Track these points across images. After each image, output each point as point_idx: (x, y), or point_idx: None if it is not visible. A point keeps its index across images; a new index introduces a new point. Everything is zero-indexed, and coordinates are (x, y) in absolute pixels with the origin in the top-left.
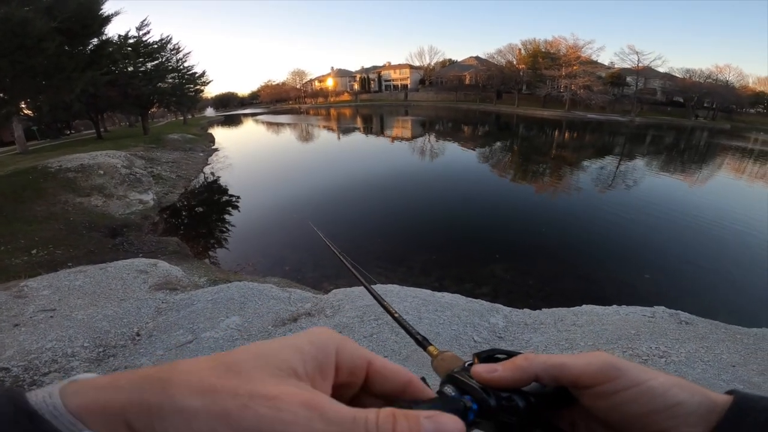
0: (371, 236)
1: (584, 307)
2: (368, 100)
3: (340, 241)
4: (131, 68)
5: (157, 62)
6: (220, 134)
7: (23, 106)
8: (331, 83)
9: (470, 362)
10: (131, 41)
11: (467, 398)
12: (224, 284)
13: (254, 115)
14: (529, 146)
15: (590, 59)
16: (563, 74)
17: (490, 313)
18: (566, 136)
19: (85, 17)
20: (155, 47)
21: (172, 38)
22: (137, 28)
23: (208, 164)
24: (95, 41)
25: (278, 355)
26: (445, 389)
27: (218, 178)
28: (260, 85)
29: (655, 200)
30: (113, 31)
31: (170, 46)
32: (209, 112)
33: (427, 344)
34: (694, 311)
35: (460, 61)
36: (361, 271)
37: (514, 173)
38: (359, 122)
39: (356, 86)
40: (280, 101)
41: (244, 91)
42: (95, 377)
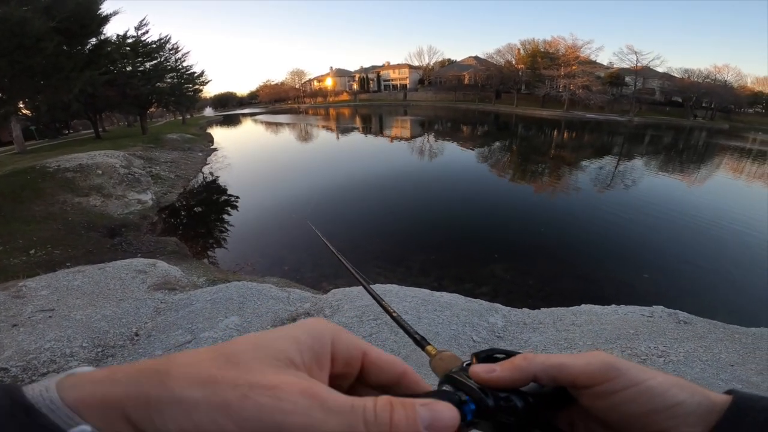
0: (370, 236)
1: (583, 306)
2: (367, 99)
3: (338, 240)
4: (130, 68)
5: (155, 62)
6: (218, 134)
7: (21, 105)
8: (330, 83)
9: (468, 362)
10: (130, 41)
11: (465, 398)
12: (223, 284)
13: (253, 114)
14: (527, 146)
15: (589, 59)
16: (562, 74)
17: (489, 312)
18: (565, 135)
19: (83, 17)
20: (154, 47)
21: (170, 38)
22: (136, 27)
23: (206, 164)
24: (94, 41)
25: (275, 345)
26: (443, 389)
27: (217, 177)
28: (259, 84)
29: (653, 200)
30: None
31: (169, 45)
32: (208, 111)
33: (425, 344)
34: (692, 311)
35: (459, 61)
36: (358, 270)
37: (513, 173)
38: (358, 122)
39: (355, 86)
40: (279, 101)
41: (243, 90)
42: (92, 371)
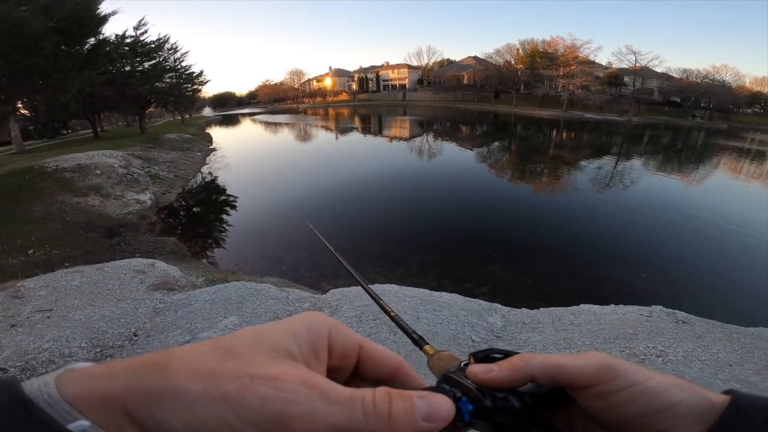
0: (369, 236)
1: (582, 306)
2: (366, 99)
3: (337, 240)
4: (128, 68)
5: (154, 62)
6: (217, 134)
7: (20, 105)
8: (329, 83)
9: (466, 362)
10: (128, 41)
11: (463, 399)
12: (222, 284)
13: (252, 114)
14: (526, 146)
15: (588, 59)
16: (561, 74)
17: (488, 312)
18: (564, 135)
19: (82, 17)
20: (153, 47)
21: (169, 38)
22: (135, 27)
23: (205, 164)
24: (92, 41)
25: (273, 338)
26: (439, 386)
27: (216, 177)
28: (258, 84)
29: (652, 200)
30: (110, 30)
31: (168, 45)
32: (207, 111)
33: (423, 343)
34: (691, 310)
35: (458, 61)
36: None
37: (512, 173)
38: (357, 122)
39: (354, 86)
40: (278, 101)
41: (242, 90)
42: (91, 366)
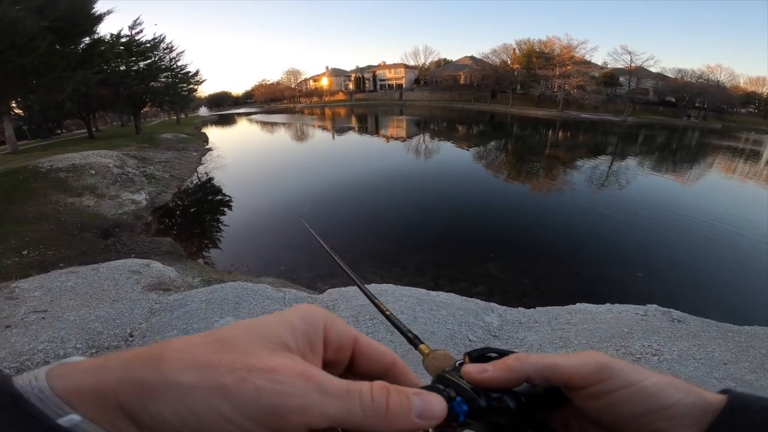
0: (366, 236)
1: (578, 305)
2: (363, 99)
3: (334, 240)
4: (123, 67)
5: (149, 61)
6: (213, 134)
7: (14, 105)
8: (325, 83)
9: (461, 361)
10: (124, 40)
11: (458, 399)
12: (218, 284)
13: (248, 114)
14: (523, 146)
15: (584, 59)
16: (557, 74)
17: (484, 312)
18: (560, 135)
19: (76, 16)
20: (148, 46)
21: (165, 37)
22: (130, 27)
23: (201, 164)
24: (87, 40)
25: (269, 330)
26: (433, 385)
27: (212, 177)
28: (254, 84)
29: (647, 200)
30: (105, 29)
31: (163, 45)
32: (203, 111)
33: (418, 342)
34: (686, 309)
35: (454, 60)
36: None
37: (508, 173)
38: (354, 122)
39: (351, 86)
40: (274, 101)
41: (238, 90)
42: (83, 360)
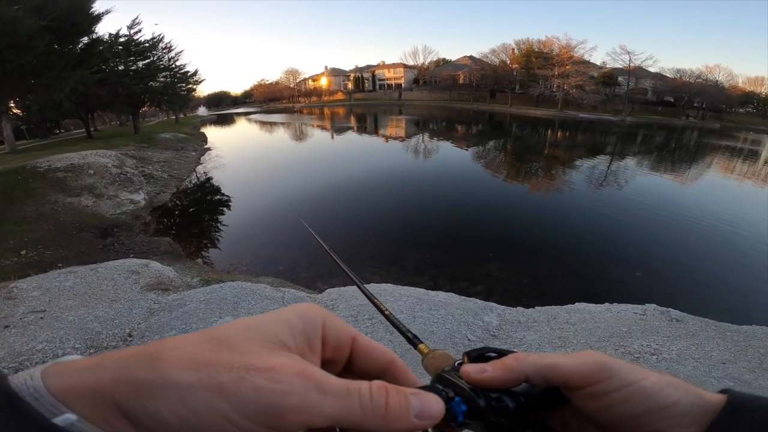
0: (365, 235)
1: (577, 305)
2: (362, 99)
3: (333, 240)
4: (122, 67)
5: (148, 61)
6: (212, 133)
7: (12, 105)
8: (324, 82)
9: (460, 361)
10: (122, 40)
11: (457, 399)
12: (217, 284)
13: (247, 114)
14: (521, 145)
15: (582, 59)
16: (556, 74)
17: (483, 311)
18: (558, 135)
19: (75, 16)
20: (147, 46)
21: (163, 37)
22: (128, 26)
23: (200, 164)
24: (85, 40)
25: (267, 328)
26: (431, 385)
27: (211, 177)
28: (253, 84)
29: (646, 200)
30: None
31: (162, 44)
32: (201, 111)
33: (417, 342)
34: (684, 309)
35: (454, 60)
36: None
37: (507, 172)
38: (353, 121)
39: (350, 85)
40: (273, 100)
41: (237, 90)
42: (79, 359)
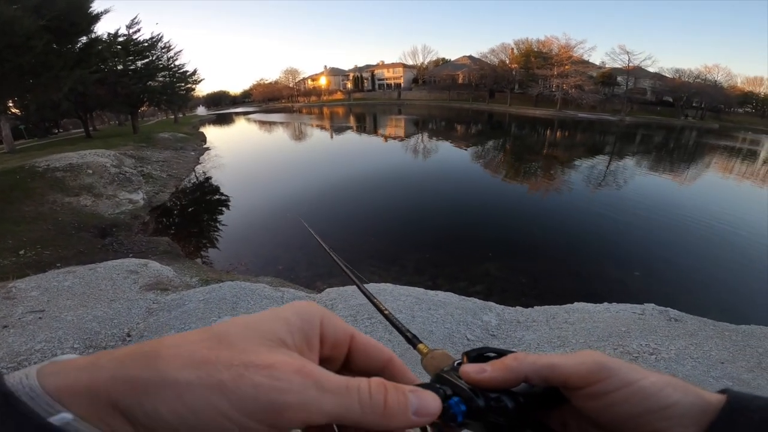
0: (365, 235)
1: (576, 304)
2: (361, 98)
3: (332, 239)
4: (121, 66)
5: (147, 60)
6: (211, 133)
7: (11, 104)
8: (324, 82)
9: (459, 361)
10: (121, 39)
11: (456, 399)
12: (216, 284)
13: (246, 113)
14: (521, 145)
15: (582, 59)
16: (555, 74)
17: (483, 311)
18: (558, 135)
19: (73, 15)
20: (145, 45)
21: (162, 36)
22: (127, 26)
23: (199, 163)
24: (84, 39)
25: (266, 326)
26: (428, 382)
27: (210, 177)
28: (252, 83)
29: (644, 200)
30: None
31: (161, 44)
32: (200, 110)
33: (417, 342)
34: (683, 308)
35: (453, 60)
36: (352, 269)
37: (506, 172)
38: (352, 121)
39: (349, 85)
40: (272, 100)
41: (236, 89)
42: (76, 358)
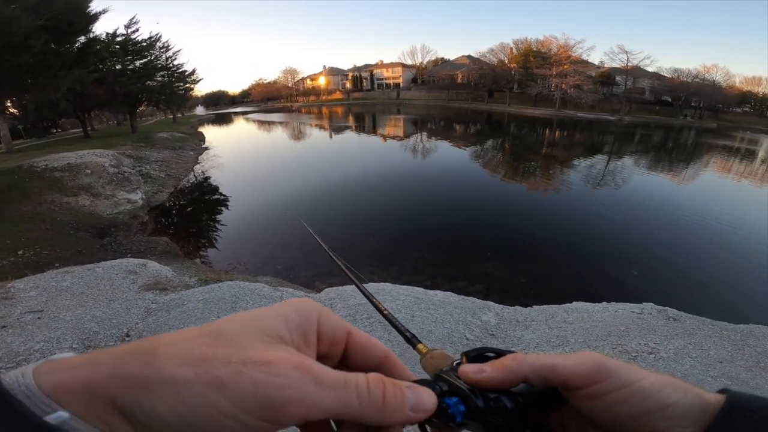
0: (364, 235)
1: (574, 304)
2: (360, 98)
3: (332, 239)
4: (119, 66)
5: (145, 60)
6: (210, 133)
7: (9, 104)
8: (323, 81)
9: (459, 361)
10: (119, 39)
11: (455, 400)
12: (215, 284)
13: (245, 113)
14: (520, 145)
15: (581, 59)
16: (554, 73)
17: (482, 310)
18: (557, 134)
19: (72, 15)
20: (144, 45)
21: (161, 36)
22: (126, 25)
23: (198, 163)
24: (82, 39)
25: (264, 322)
26: (424, 378)
27: (209, 177)
28: (251, 83)
29: (643, 199)
30: (101, 28)
31: (159, 44)
32: (199, 110)
33: (416, 342)
34: (681, 308)
35: (452, 59)
36: (351, 269)
37: (505, 172)
38: (351, 121)
39: (348, 85)
40: (271, 99)
41: (235, 89)
42: (72, 356)
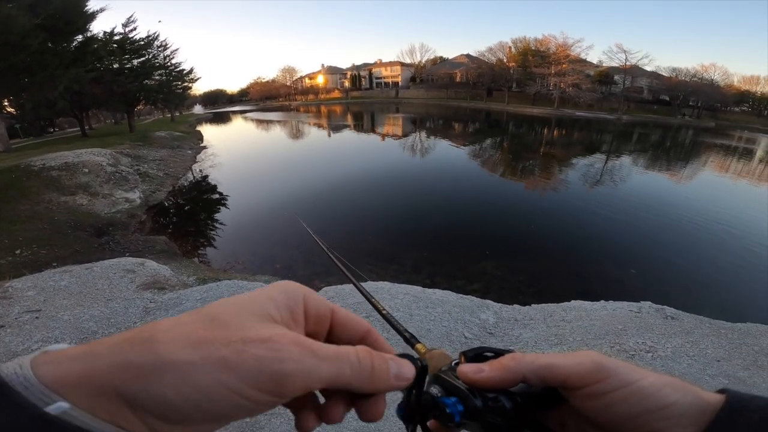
0: (362, 234)
1: (573, 302)
2: (359, 97)
3: (330, 238)
4: (117, 65)
5: (143, 59)
6: (208, 132)
7: (6, 103)
8: (321, 80)
9: (457, 361)
10: (117, 38)
11: (454, 399)
12: (213, 283)
13: (243, 112)
14: (518, 143)
15: (579, 57)
16: (553, 72)
17: (480, 309)
18: (555, 133)
19: (69, 14)
20: (142, 44)
21: (159, 35)
22: (123, 24)
23: (196, 162)
24: (80, 38)
25: (255, 304)
26: (431, 390)
27: (207, 176)
28: (250, 82)
29: (641, 198)
30: (98, 27)
31: (157, 42)
32: (197, 109)
33: (415, 342)
34: (679, 306)
35: (451, 58)
36: (350, 267)
37: (503, 171)
38: (350, 119)
39: (347, 83)
40: (269, 98)
41: (233, 88)
42: (69, 347)
